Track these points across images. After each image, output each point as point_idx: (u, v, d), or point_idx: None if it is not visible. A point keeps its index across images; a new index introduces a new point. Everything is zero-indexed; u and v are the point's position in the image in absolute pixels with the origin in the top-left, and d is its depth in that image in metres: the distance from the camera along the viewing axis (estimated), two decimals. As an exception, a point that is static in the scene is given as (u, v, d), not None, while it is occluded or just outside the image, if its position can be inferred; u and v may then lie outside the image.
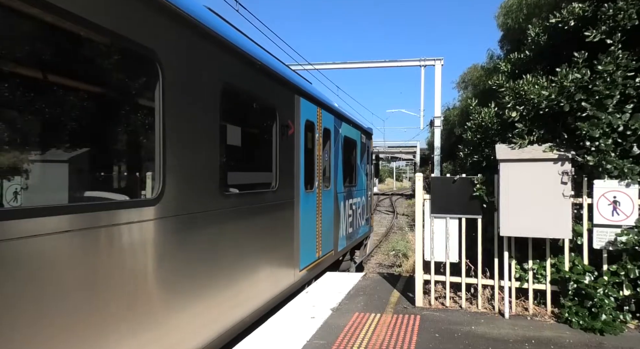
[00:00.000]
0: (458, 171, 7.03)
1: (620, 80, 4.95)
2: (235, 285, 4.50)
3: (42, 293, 2.39)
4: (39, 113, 2.80)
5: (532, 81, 5.51)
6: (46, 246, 2.44)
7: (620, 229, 4.92)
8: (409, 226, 18.77)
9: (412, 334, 4.81)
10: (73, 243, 2.60)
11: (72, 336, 2.59)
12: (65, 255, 2.57)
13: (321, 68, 21.58)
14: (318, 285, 7.01)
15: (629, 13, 5.09)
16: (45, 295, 2.42)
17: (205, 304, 3.93)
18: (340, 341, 4.63)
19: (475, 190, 5.57)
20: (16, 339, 2.25)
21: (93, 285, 2.73)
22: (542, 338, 4.70)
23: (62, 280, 2.54)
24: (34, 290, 2.35)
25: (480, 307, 5.70)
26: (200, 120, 3.89)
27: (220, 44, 4.19)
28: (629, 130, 4.95)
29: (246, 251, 4.76)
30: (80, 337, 2.64)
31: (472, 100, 6.92)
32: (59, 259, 2.52)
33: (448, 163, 31.15)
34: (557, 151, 5.07)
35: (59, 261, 2.52)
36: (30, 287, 2.34)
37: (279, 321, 5.21)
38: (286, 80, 5.87)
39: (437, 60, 22.98)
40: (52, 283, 2.47)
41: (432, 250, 5.78)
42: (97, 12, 2.72)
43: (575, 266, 5.23)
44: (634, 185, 4.92)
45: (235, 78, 4.50)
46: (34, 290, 2.36)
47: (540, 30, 6.46)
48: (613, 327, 4.81)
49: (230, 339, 4.42)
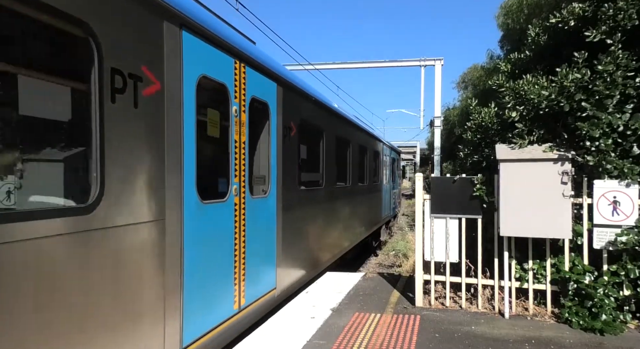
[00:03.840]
0: (458, 171, 7.02)
1: (620, 80, 4.95)
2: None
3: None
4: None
5: (532, 81, 5.51)
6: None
7: (620, 229, 4.92)
8: (409, 226, 18.74)
9: (412, 335, 4.81)
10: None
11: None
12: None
13: (321, 68, 21.55)
14: (318, 285, 7.00)
15: (629, 13, 5.09)
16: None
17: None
18: (340, 341, 4.63)
19: (475, 190, 5.57)
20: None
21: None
22: (542, 338, 4.70)
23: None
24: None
25: (480, 307, 5.69)
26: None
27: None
28: (629, 130, 4.95)
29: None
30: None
31: (472, 100, 6.92)
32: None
33: (448, 163, 31.11)
34: (557, 151, 5.07)
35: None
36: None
37: (279, 321, 5.21)
38: (378, 138, 10.55)
39: (437, 60, 22.95)
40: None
41: (432, 250, 5.77)
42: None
43: (575, 266, 5.23)
44: (634, 185, 4.92)
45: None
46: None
47: (540, 30, 6.46)
48: (613, 327, 4.81)
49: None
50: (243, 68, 4.61)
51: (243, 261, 4.65)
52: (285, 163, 5.80)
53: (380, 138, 15.08)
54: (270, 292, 5.39)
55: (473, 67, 31.74)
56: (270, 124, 5.33)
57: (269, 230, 5.35)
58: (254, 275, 4.90)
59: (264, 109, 5.21)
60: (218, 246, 4.17)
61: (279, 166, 5.59)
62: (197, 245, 3.81)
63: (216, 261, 4.13)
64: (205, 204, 3.93)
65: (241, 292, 4.63)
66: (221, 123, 4.59)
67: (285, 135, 5.79)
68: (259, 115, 5.12)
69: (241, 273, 4.62)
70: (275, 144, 5.46)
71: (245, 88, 4.68)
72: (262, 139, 5.26)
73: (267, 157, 5.32)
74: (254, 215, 4.91)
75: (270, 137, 5.31)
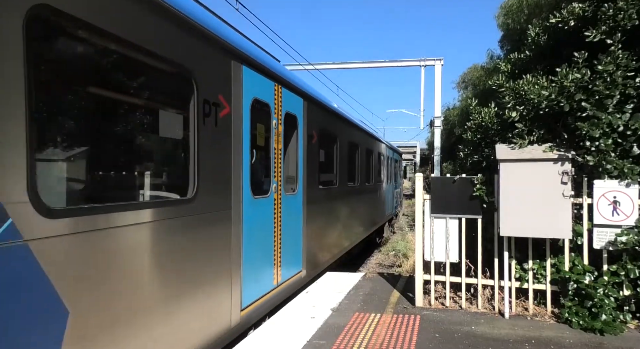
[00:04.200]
0: (458, 171, 7.03)
1: (620, 80, 4.95)
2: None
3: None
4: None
5: (532, 81, 5.51)
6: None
7: (620, 229, 4.92)
8: (409, 226, 18.74)
9: (412, 335, 4.81)
10: None
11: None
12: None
13: (321, 68, 21.54)
14: (318, 285, 7.00)
15: (629, 13, 5.09)
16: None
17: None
18: (340, 341, 4.63)
19: (475, 190, 5.57)
20: None
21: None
22: (542, 338, 4.70)
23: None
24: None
25: (480, 307, 5.69)
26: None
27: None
28: (629, 130, 4.95)
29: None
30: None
31: (472, 100, 6.92)
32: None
33: (448, 163, 31.10)
34: (557, 151, 5.07)
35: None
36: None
37: (279, 321, 5.21)
38: (382, 141, 14.59)
39: (437, 60, 22.94)
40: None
41: (432, 250, 5.78)
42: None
43: (575, 266, 5.23)
44: (634, 185, 4.92)
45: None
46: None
47: (540, 30, 6.46)
48: (613, 327, 4.81)
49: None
50: (280, 89, 5.69)
51: (280, 246, 5.73)
52: (309, 166, 6.81)
53: (384, 141, 16.30)
54: (298, 273, 6.49)
55: (473, 67, 31.74)
56: (298, 133, 6.40)
57: (297, 222, 6.38)
58: (287, 258, 5.98)
59: (294, 121, 6.27)
60: (263, 233, 5.21)
61: (304, 168, 6.62)
62: (250, 231, 4.84)
63: (262, 244, 5.19)
64: (255, 199, 4.97)
65: (278, 271, 5.70)
66: (265, 134, 5.50)
67: (308, 142, 6.83)
68: (290, 126, 6.17)
69: (278, 255, 5.68)
70: (301, 150, 6.51)
71: (282, 105, 5.76)
72: (292, 146, 6.28)
73: (295, 161, 6.35)
74: (287, 209, 5.94)
75: (298, 144, 6.38)
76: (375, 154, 13.49)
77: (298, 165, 6.38)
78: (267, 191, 5.34)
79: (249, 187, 4.79)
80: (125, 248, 3.00)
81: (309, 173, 6.82)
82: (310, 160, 6.86)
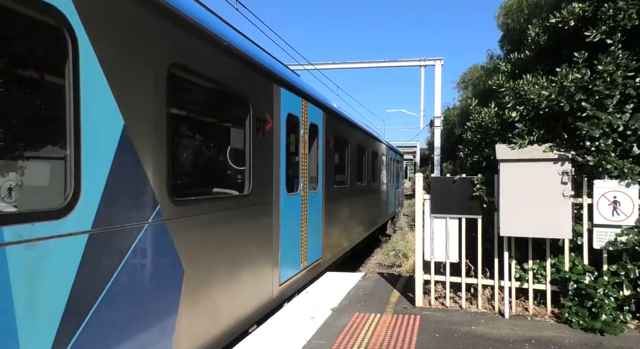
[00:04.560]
0: (458, 171, 7.03)
1: (620, 80, 4.95)
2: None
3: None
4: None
5: (532, 81, 5.51)
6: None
7: (620, 229, 4.92)
8: (409, 226, 18.74)
9: (412, 335, 4.81)
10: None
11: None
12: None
13: (321, 68, 21.53)
14: (318, 285, 7.01)
15: (629, 13, 5.09)
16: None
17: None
18: (340, 341, 4.63)
19: (475, 190, 5.57)
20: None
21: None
22: (542, 338, 4.70)
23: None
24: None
25: (480, 307, 5.69)
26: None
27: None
28: (629, 130, 4.95)
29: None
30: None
31: (472, 100, 6.92)
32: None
33: (448, 163, 31.11)
34: (557, 151, 5.07)
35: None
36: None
37: (279, 321, 5.21)
38: (385, 143, 14.73)
39: (437, 60, 22.94)
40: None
41: (432, 250, 5.77)
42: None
43: (575, 266, 5.23)
44: (634, 185, 4.92)
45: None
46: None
47: (540, 30, 6.46)
48: (613, 327, 4.81)
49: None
50: (306, 104, 6.73)
51: (305, 236, 6.75)
52: (327, 168, 7.87)
53: (388, 143, 17.42)
54: (318, 261, 7.46)
55: (473, 67, 31.73)
56: (319, 140, 7.47)
57: (318, 216, 7.42)
58: (310, 246, 7.01)
59: (316, 130, 7.34)
60: (294, 224, 6.24)
61: (323, 170, 7.68)
62: (285, 221, 5.85)
63: (293, 233, 6.22)
64: (288, 195, 5.99)
65: (304, 256, 6.73)
66: (295, 142, 6.48)
67: (326, 147, 7.89)
68: (313, 134, 7.23)
69: (304, 243, 6.72)
70: (321, 154, 7.60)
71: (307, 117, 6.82)
72: (314, 151, 7.30)
73: (316, 164, 7.40)
74: (311, 204, 6.98)
75: (318, 150, 7.44)
76: (380, 156, 14.68)
77: (318, 167, 7.45)
78: (297, 189, 6.40)
79: (285, 186, 5.82)
80: (215, 227, 4.16)
81: (327, 174, 7.87)
82: (327, 162, 7.90)
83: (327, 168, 7.91)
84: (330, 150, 8.14)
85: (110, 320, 2.83)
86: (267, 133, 5.25)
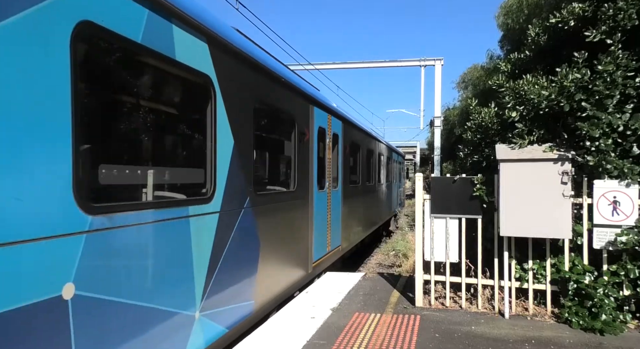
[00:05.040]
0: (458, 171, 7.03)
1: (620, 80, 4.95)
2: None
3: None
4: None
5: (532, 81, 5.51)
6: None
7: (620, 229, 4.92)
8: (409, 226, 18.73)
9: (412, 334, 4.81)
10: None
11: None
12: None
13: (321, 68, 21.54)
14: (318, 285, 7.01)
15: (629, 13, 5.09)
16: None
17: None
18: (340, 341, 4.63)
19: (475, 190, 5.57)
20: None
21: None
22: (542, 338, 4.70)
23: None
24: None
25: (480, 307, 5.70)
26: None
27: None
28: (629, 130, 4.95)
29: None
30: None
31: (472, 100, 6.92)
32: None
33: (448, 163, 31.13)
34: (557, 151, 5.07)
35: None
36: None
37: (279, 321, 5.21)
38: (389, 146, 16.16)
39: (437, 60, 22.95)
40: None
41: (432, 250, 5.77)
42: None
43: (575, 266, 5.23)
44: (634, 185, 4.92)
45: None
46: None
47: (540, 30, 6.46)
48: (613, 327, 4.81)
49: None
50: (330, 117, 8.22)
51: (330, 225, 8.11)
52: (344, 169, 9.30)
53: (391, 146, 19.23)
54: (338, 247, 8.83)
55: (473, 67, 31.70)
56: (339, 146, 8.90)
57: (338, 210, 8.75)
58: (333, 234, 8.38)
59: (336, 138, 8.75)
60: (322, 215, 7.59)
61: (342, 171, 9.10)
62: (316, 212, 7.22)
63: (321, 222, 7.55)
64: (319, 192, 7.39)
65: (328, 242, 8.06)
66: (323, 148, 7.79)
67: (344, 152, 9.30)
68: (334, 141, 8.63)
69: (329, 231, 8.08)
70: (341, 158, 9.03)
71: (331, 128, 8.28)
72: (334, 155, 8.55)
73: (337, 166, 8.74)
74: (333, 200, 8.37)
75: (338, 154, 8.87)
76: (384, 157, 16.48)
77: (338, 168, 8.85)
78: (324, 187, 7.77)
79: (316, 184, 7.20)
80: (275, 213, 5.53)
81: (344, 174, 9.28)
82: (345, 165, 9.33)
83: (345, 170, 9.32)
84: (347, 154, 9.60)
85: (229, 267, 4.33)
86: (305, 143, 6.71)
